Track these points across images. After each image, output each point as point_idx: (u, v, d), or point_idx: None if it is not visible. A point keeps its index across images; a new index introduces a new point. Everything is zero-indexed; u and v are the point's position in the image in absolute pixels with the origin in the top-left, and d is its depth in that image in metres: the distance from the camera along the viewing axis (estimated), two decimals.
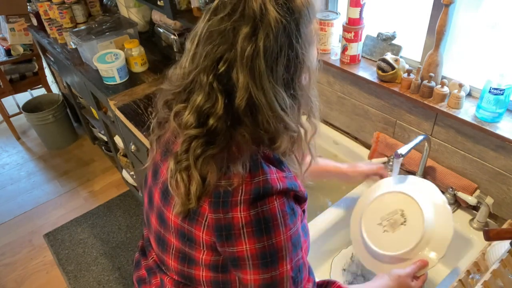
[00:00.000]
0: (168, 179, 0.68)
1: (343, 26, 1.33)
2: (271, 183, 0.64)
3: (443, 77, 1.20)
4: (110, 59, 1.92)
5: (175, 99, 0.70)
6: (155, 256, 0.86)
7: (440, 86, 1.15)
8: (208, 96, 0.63)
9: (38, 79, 3.14)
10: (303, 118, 0.72)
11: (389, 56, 1.25)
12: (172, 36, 2.05)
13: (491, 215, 1.17)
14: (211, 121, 0.62)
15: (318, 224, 1.23)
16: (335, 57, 1.43)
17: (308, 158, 0.76)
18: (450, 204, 1.22)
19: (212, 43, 0.61)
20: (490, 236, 0.85)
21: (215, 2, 0.63)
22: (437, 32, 1.10)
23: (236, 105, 0.61)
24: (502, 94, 1.01)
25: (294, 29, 0.60)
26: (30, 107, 2.90)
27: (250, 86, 0.60)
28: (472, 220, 1.18)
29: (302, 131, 0.69)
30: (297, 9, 0.60)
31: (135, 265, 0.94)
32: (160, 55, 2.20)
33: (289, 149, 0.68)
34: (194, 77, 0.64)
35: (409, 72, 1.22)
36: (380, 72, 1.26)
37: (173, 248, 0.75)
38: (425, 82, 1.17)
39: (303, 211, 0.75)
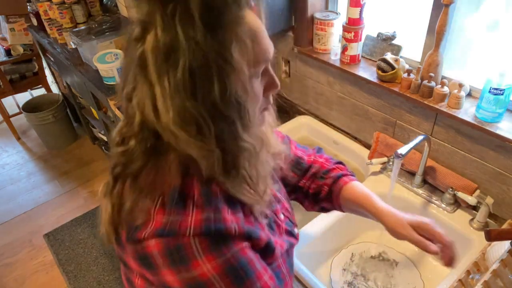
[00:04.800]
0: None
1: (343, 26, 1.33)
2: (179, 226, 0.54)
3: (443, 77, 1.20)
4: (110, 59, 1.92)
5: None
6: None
7: (440, 86, 1.15)
8: (126, 112, 0.56)
9: (38, 79, 3.14)
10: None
11: (389, 56, 1.25)
12: None
13: (491, 215, 1.17)
14: (131, 142, 0.56)
15: (318, 224, 1.24)
16: (335, 57, 1.44)
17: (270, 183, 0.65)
18: (450, 204, 1.22)
19: (124, 52, 0.56)
20: (492, 236, 0.85)
21: None
22: (437, 32, 1.10)
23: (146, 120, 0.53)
24: (502, 94, 1.01)
25: (195, 17, 0.48)
26: (30, 107, 2.89)
27: (143, 92, 0.52)
28: (472, 220, 1.18)
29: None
30: None
31: None
32: None
33: (221, 174, 0.56)
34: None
35: (409, 72, 1.22)
36: (380, 72, 1.26)
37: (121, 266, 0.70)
38: (425, 82, 1.17)
39: (273, 253, 0.65)
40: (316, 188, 0.89)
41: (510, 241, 0.88)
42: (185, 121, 0.50)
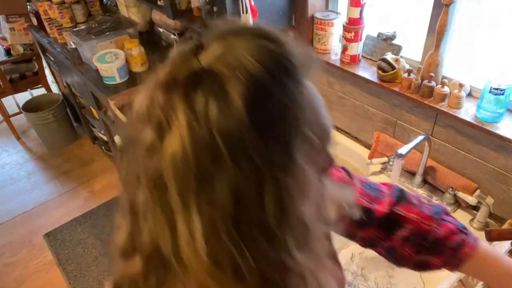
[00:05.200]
0: None
1: (343, 26, 1.33)
2: None
3: (444, 77, 1.20)
4: (110, 59, 1.92)
5: None
6: None
7: (440, 86, 1.15)
8: (132, 222, 0.42)
9: (38, 79, 3.14)
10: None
11: (389, 56, 1.25)
12: (172, 36, 2.05)
13: (491, 215, 1.17)
14: (138, 261, 0.41)
15: None
16: (335, 57, 1.43)
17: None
18: (450, 204, 1.22)
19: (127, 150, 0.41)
20: (492, 236, 0.85)
21: None
22: (437, 32, 1.10)
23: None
24: (502, 94, 1.01)
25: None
26: (30, 107, 2.89)
27: (158, 222, 0.37)
28: (472, 220, 1.18)
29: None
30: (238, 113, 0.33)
31: None
32: (160, 55, 2.19)
33: None
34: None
35: (409, 72, 1.21)
36: (380, 72, 1.26)
37: None
38: (425, 82, 1.17)
39: None
40: (420, 259, 0.66)
41: (510, 241, 0.88)
42: (220, 266, 0.35)
